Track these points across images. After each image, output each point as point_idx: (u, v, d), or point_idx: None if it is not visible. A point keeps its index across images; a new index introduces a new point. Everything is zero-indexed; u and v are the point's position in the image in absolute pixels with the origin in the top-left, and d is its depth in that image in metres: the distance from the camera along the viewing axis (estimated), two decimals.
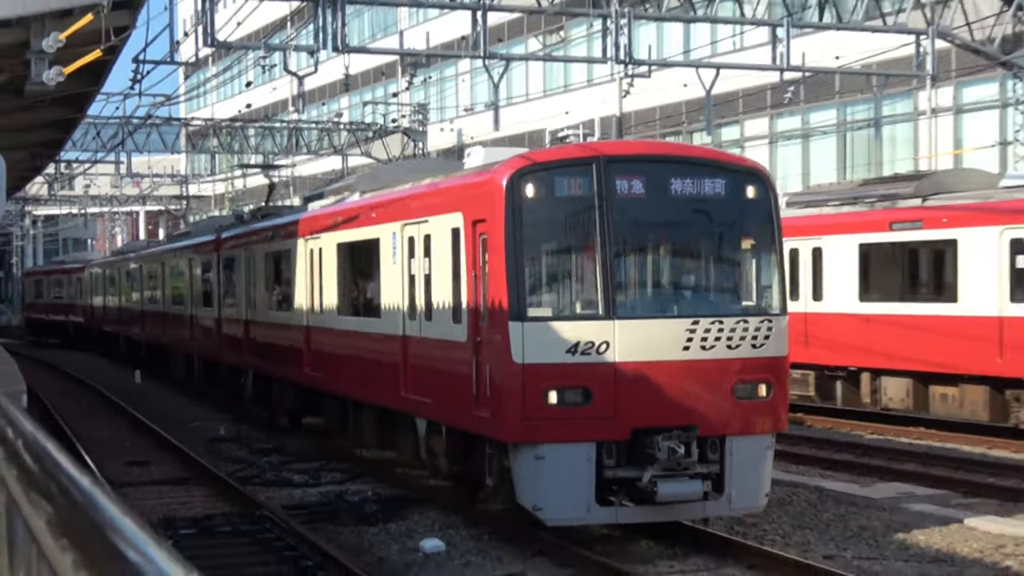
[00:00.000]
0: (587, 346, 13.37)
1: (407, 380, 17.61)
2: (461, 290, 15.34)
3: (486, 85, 42.29)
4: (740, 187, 14.63)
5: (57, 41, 20.14)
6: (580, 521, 13.66)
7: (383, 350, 19.02)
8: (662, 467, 13.12)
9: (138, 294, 44.06)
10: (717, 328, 13.81)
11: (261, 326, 27.02)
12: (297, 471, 21.85)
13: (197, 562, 13.49)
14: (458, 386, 15.40)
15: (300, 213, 25.71)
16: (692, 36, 39.95)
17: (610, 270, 13.83)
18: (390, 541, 16.47)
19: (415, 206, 17.60)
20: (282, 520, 16.96)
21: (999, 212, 23.40)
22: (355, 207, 21.33)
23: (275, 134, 55.97)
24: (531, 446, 13.33)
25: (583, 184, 14.09)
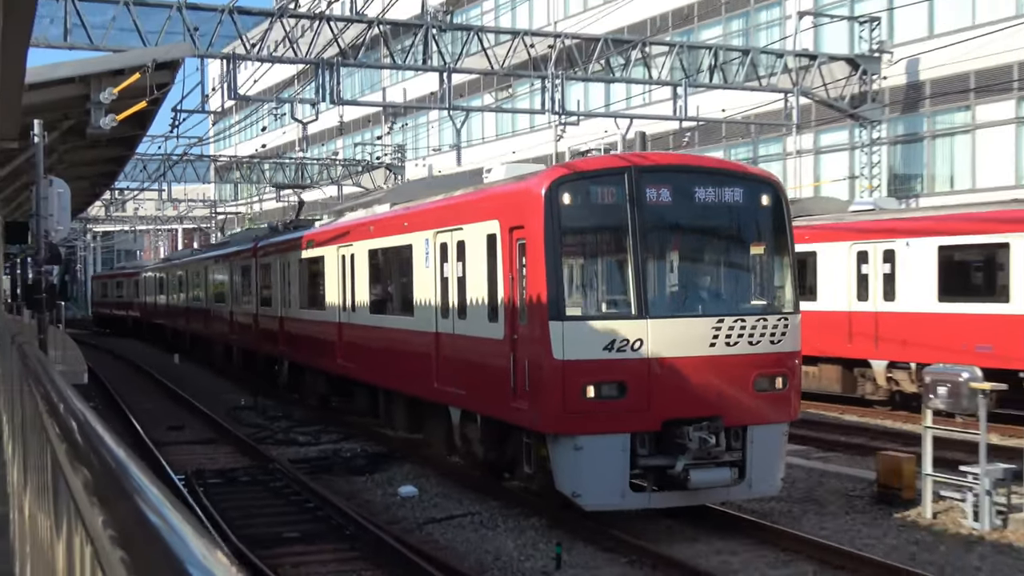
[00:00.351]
0: (622, 343, 11.84)
1: (440, 373, 15.72)
2: (497, 291, 13.56)
3: (451, 130, 42.70)
4: (756, 195, 13.12)
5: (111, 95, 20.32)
6: (615, 506, 11.99)
7: (415, 345, 16.90)
8: (693, 456, 11.69)
9: (184, 294, 42.72)
10: (740, 326, 12.34)
11: (295, 322, 24.94)
12: (301, 433, 21.77)
13: (222, 505, 13.82)
14: (495, 380, 13.55)
15: (331, 223, 23.73)
16: (612, 92, 40.21)
17: (642, 272, 12.22)
18: (375, 488, 16.49)
19: (448, 215, 15.69)
20: (289, 471, 16.98)
21: (848, 230, 24.08)
22: (387, 217, 19.00)
23: (285, 168, 55.93)
24: (570, 437, 11.75)
25: (616, 192, 12.47)
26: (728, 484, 12.21)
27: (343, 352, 20.96)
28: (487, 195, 14.77)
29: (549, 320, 11.98)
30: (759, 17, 39.04)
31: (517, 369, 12.89)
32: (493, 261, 13.69)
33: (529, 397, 12.50)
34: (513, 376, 12.95)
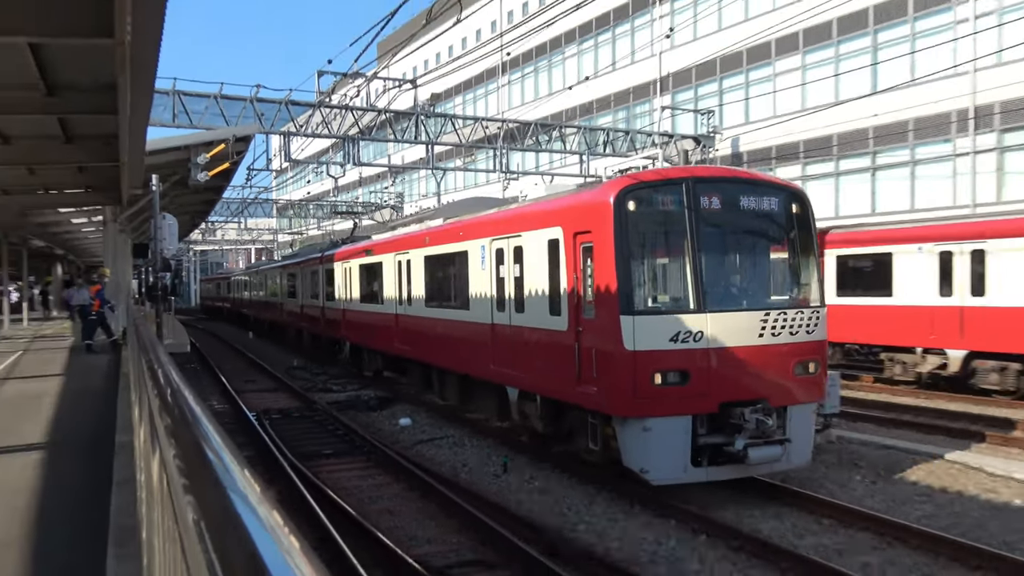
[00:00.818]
0: (685, 335, 9.75)
1: (496, 357, 13.17)
2: (560, 288, 11.15)
3: (434, 183, 42.62)
4: (789, 203, 11.04)
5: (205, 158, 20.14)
6: (678, 480, 9.76)
7: (471, 334, 14.23)
8: (750, 435, 9.61)
9: (263, 291, 40.26)
10: (783, 318, 10.27)
11: (357, 313, 22.26)
12: (335, 385, 21.56)
13: (281, 432, 13.70)
14: (557, 366, 11.13)
15: (388, 236, 20.77)
16: (540, 159, 40.44)
17: (700, 271, 10.13)
18: (383, 420, 16.45)
19: (504, 226, 13.18)
20: (326, 409, 16.92)
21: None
22: (442, 229, 16.31)
23: (323, 207, 55.71)
24: (639, 420, 9.69)
25: (675, 200, 10.38)
26: (778, 459, 10.06)
27: (400, 337, 18.49)
28: (547, 207, 12.27)
29: (620, 315, 9.79)
30: (636, 110, 39.38)
31: (583, 357, 10.53)
32: (555, 262, 11.37)
33: (598, 383, 10.18)
34: (578, 363, 10.58)
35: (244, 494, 1.01)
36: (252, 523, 0.87)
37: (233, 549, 0.89)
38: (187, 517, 1.22)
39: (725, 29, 33.77)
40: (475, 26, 50.16)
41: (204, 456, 1.34)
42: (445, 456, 13.03)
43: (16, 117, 11.75)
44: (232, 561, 0.89)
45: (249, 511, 0.93)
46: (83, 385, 13.17)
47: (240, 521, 0.89)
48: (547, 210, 12.01)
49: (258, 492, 1.05)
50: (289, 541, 0.84)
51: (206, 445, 1.42)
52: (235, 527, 0.89)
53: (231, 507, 0.97)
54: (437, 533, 9.09)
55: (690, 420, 9.72)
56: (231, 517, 0.94)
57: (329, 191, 58.56)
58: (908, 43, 27.41)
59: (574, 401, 10.88)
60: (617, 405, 9.98)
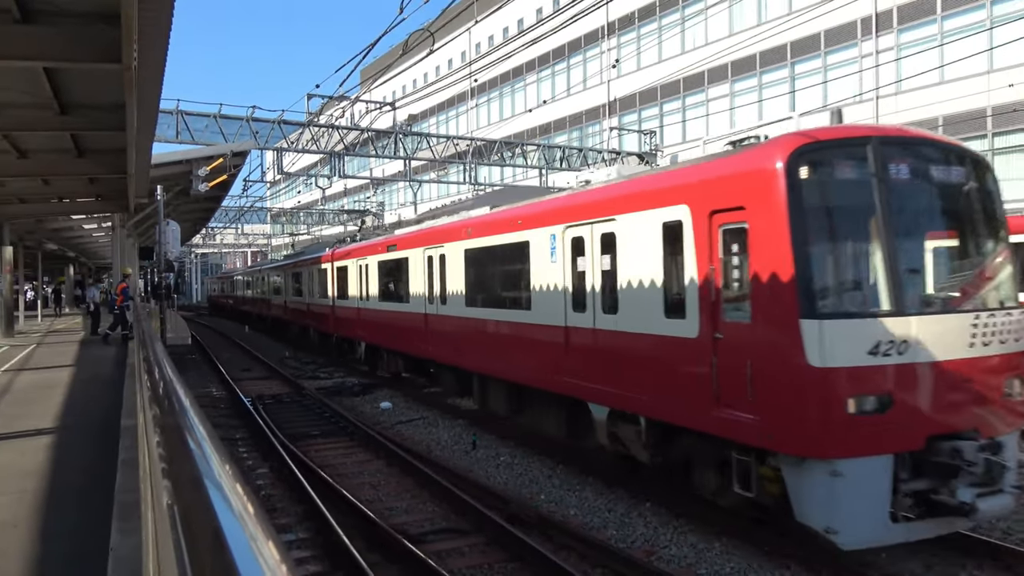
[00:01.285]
0: (888, 346, 6.33)
1: (570, 366, 9.64)
2: (682, 283, 7.69)
3: (410, 194, 42.36)
4: (982, 175, 7.43)
5: (205, 171, 19.82)
6: (877, 543, 6.40)
7: (534, 338, 10.64)
8: (975, 479, 6.26)
9: (269, 289, 36.11)
10: (992, 322, 6.78)
11: (374, 312, 18.37)
12: (322, 373, 21.31)
13: (273, 416, 13.47)
14: (679, 381, 7.68)
15: (415, 230, 16.63)
16: (504, 172, 40.39)
17: (897, 260, 6.64)
18: (365, 404, 16.23)
19: (585, 210, 9.58)
20: (315, 395, 16.66)
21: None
22: (492, 219, 12.43)
23: (312, 215, 55.04)
24: (826, 462, 6.21)
25: (858, 167, 6.88)
26: (1008, 511, 6.65)
27: (430, 339, 14.53)
28: (660, 182, 8.51)
29: (800, 318, 6.33)
30: (588, 130, 39.52)
31: (726, 372, 7.03)
32: (674, 251, 7.87)
33: (756, 408, 6.67)
34: (716, 380, 7.12)
35: (218, 482, 0.94)
36: (222, 508, 0.82)
37: (201, 530, 0.84)
38: (162, 500, 1.14)
39: (665, 60, 34.08)
40: (447, 56, 50.00)
41: (185, 444, 1.25)
42: (421, 435, 12.92)
43: (32, 134, 11.45)
44: (198, 544, 0.83)
45: (220, 498, 0.87)
46: (93, 374, 12.82)
47: (211, 507, 0.84)
48: (661, 187, 8.36)
49: (232, 481, 0.99)
50: (255, 526, 0.78)
51: (189, 435, 1.33)
52: (205, 510, 0.83)
53: (204, 492, 0.91)
54: (414, 504, 9.00)
55: (891, 460, 6.33)
56: (203, 501, 0.88)
57: (317, 200, 58.01)
58: (821, 74, 27.90)
59: (708, 429, 7.32)
60: (792, 440, 6.47)
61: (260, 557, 0.68)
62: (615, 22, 37.04)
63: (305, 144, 27.10)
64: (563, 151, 33.09)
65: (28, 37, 7.03)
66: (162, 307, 21.31)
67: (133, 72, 7.23)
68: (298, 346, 28.06)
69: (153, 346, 3.92)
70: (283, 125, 25.50)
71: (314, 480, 9.46)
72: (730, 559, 7.06)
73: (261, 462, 11.13)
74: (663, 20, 34.63)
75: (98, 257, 43.46)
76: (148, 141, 11.82)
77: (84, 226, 26.92)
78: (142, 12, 6.02)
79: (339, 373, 21.02)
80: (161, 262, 19.72)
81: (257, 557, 0.67)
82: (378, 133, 30.70)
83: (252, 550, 0.70)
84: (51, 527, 4.73)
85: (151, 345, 3.99)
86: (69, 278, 42.86)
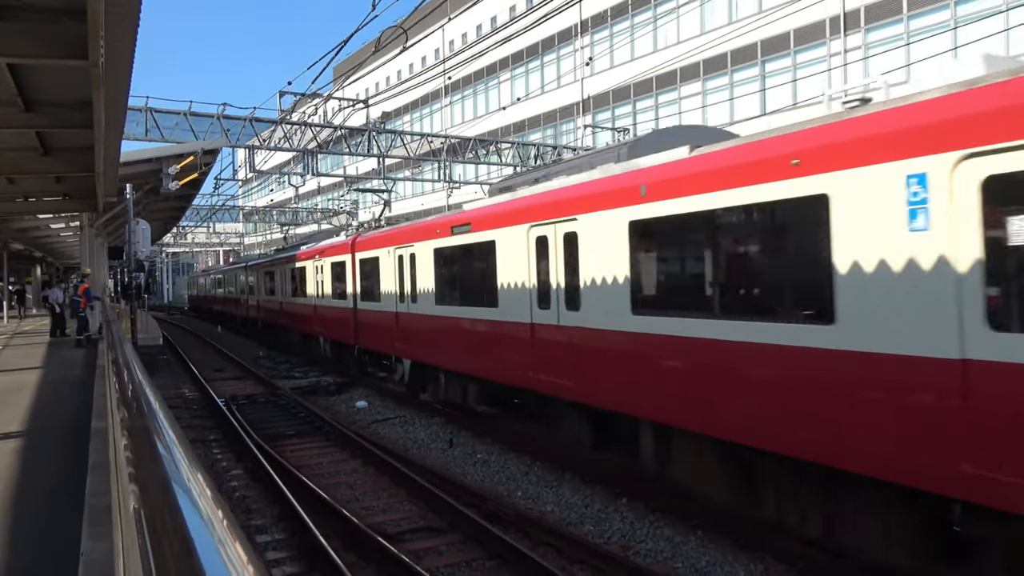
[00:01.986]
0: None
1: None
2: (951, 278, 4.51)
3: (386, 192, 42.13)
4: None
5: (175, 169, 19.53)
6: None
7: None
8: None
9: (237, 288, 33.93)
10: None
11: (427, 320, 13.42)
12: (297, 372, 21.06)
13: (248, 416, 13.32)
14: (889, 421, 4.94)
15: (506, 199, 10.95)
16: (479, 170, 40.36)
17: None
18: (341, 403, 16.09)
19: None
20: (289, 395, 16.50)
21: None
22: (742, 158, 6.46)
23: (285, 214, 54.56)
24: None
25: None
26: None
27: (553, 365, 9.54)
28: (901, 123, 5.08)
29: None
30: (562, 127, 39.59)
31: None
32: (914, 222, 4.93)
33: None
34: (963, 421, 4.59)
35: (187, 487, 0.91)
36: (190, 514, 0.80)
37: (168, 536, 0.81)
38: (128, 505, 1.11)
39: (637, 59, 34.24)
40: (420, 53, 49.74)
41: (154, 448, 1.18)
42: (398, 434, 12.85)
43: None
44: (164, 547, 0.81)
45: (189, 503, 0.85)
46: (61, 376, 12.57)
47: (179, 512, 0.81)
48: (904, 127, 5.07)
49: (203, 485, 0.96)
50: (225, 532, 0.76)
51: (158, 438, 1.26)
52: (172, 516, 0.81)
53: (172, 497, 0.88)
54: (391, 503, 8.95)
55: None
56: (170, 507, 0.86)
57: (290, 199, 57.46)
58: (791, 72, 28.24)
59: (936, 488, 4.91)
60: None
61: (229, 562, 0.66)
62: (588, 20, 37.12)
63: (277, 142, 26.83)
64: (537, 149, 33.16)
65: None
66: (133, 307, 20.99)
67: (100, 69, 7.08)
68: (272, 346, 27.77)
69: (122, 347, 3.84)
70: (255, 122, 25.23)
71: (290, 480, 9.37)
72: (706, 552, 7.12)
73: (235, 463, 11.00)
74: (635, 19, 34.78)
75: (66, 257, 42.60)
76: (117, 139, 11.60)
77: (51, 226, 26.37)
78: (108, 7, 5.90)
79: (314, 372, 20.85)
80: (131, 262, 19.42)
81: (226, 562, 0.65)
82: (351, 131, 30.49)
83: (220, 555, 0.68)
84: (20, 531, 4.63)
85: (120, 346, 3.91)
86: (36, 279, 42.01)
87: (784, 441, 6.10)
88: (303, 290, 22.80)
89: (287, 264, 25.59)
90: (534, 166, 25.16)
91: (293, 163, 46.67)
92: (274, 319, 27.70)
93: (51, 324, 21.55)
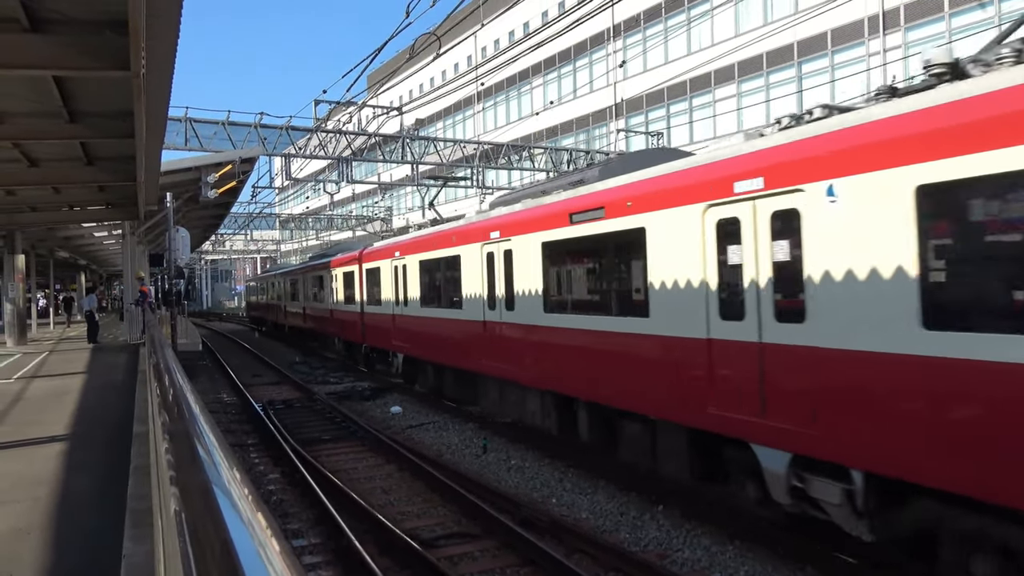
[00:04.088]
0: None
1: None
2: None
3: (418, 198, 42.45)
4: None
5: (214, 178, 19.89)
6: None
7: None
8: None
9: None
10: None
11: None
12: (332, 377, 21.21)
13: (284, 421, 13.47)
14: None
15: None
16: (512, 176, 40.42)
17: None
18: (375, 408, 16.17)
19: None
20: (325, 400, 16.60)
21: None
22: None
23: (320, 220, 55.27)
24: None
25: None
26: None
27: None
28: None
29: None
30: (595, 132, 39.46)
31: None
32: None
33: None
34: None
35: (227, 489, 0.91)
36: (231, 516, 0.80)
37: (208, 539, 0.81)
38: (170, 507, 1.12)
39: (671, 62, 33.99)
40: (453, 60, 50.06)
41: (195, 452, 1.19)
42: (432, 439, 12.87)
43: (42, 142, 11.51)
44: (205, 550, 0.81)
45: (229, 505, 0.85)
46: (104, 381, 12.87)
47: (219, 514, 0.81)
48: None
49: (242, 488, 0.96)
50: (264, 534, 0.75)
51: (198, 442, 1.27)
52: (213, 519, 0.81)
53: (212, 500, 0.88)
54: (425, 508, 8.96)
55: None
56: (211, 509, 0.86)
57: (326, 206, 58.20)
58: (828, 73, 27.78)
59: None
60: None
61: (269, 565, 0.65)
62: (620, 24, 36.99)
63: (313, 150, 27.18)
64: (570, 154, 33.08)
65: (37, 46, 7.06)
66: (173, 313, 21.40)
67: (141, 79, 7.25)
68: (307, 351, 28.08)
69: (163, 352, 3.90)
70: (291, 131, 25.59)
71: (325, 485, 9.44)
72: (744, 562, 6.99)
73: (272, 467, 11.13)
74: (669, 21, 34.55)
75: (109, 264, 43.71)
76: (157, 148, 11.86)
77: (95, 234, 27.08)
78: (150, 19, 6.03)
79: (349, 378, 21.01)
80: (171, 269, 19.82)
81: (266, 565, 0.65)
82: (385, 138, 30.78)
83: (260, 558, 0.67)
84: (64, 534, 4.72)
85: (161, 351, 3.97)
86: (81, 285, 43.17)
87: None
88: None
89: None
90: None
91: (328, 171, 47.31)
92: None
93: (88, 331, 22.08)
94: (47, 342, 22.75)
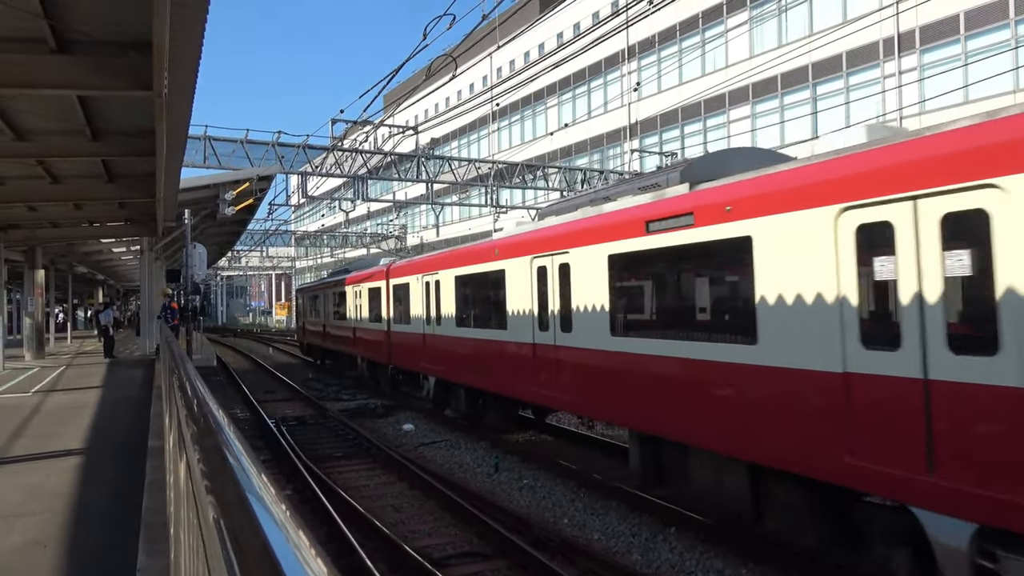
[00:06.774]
0: None
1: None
2: None
3: (433, 217, 42.67)
4: None
5: (232, 195, 20.14)
6: None
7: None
8: None
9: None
10: None
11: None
12: (345, 394, 21.22)
13: (297, 437, 13.52)
14: None
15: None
16: (526, 195, 40.63)
17: None
18: (388, 426, 16.16)
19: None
20: (337, 416, 16.62)
21: None
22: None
23: (336, 238, 55.64)
24: None
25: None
26: None
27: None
28: None
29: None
30: (609, 152, 39.61)
31: None
32: None
33: None
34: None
35: (260, 495, 0.96)
36: (266, 520, 0.83)
37: (248, 543, 0.85)
38: (208, 515, 1.17)
39: (685, 83, 34.15)
40: (469, 81, 50.54)
41: (225, 460, 1.23)
42: (443, 458, 12.85)
43: (65, 160, 11.73)
44: (247, 554, 0.85)
45: (264, 510, 0.88)
46: (120, 396, 12.98)
47: (255, 518, 0.85)
48: None
49: (273, 493, 1.00)
50: (299, 537, 0.79)
51: (227, 451, 1.31)
52: (250, 523, 0.85)
53: (248, 506, 0.93)
54: (436, 527, 8.94)
55: None
56: (247, 515, 0.90)
57: (341, 223, 58.62)
58: (843, 95, 27.79)
59: None
60: None
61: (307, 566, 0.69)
62: (635, 45, 37.25)
63: (329, 168, 27.45)
64: (584, 174, 33.22)
65: (63, 66, 7.23)
66: (188, 329, 21.57)
67: (163, 99, 7.40)
68: (319, 368, 28.15)
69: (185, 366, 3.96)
70: (307, 150, 25.88)
71: (337, 502, 9.45)
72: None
73: (284, 483, 11.15)
74: (683, 43, 34.76)
75: (126, 280, 44.18)
76: (177, 166, 12.05)
77: (113, 249, 27.43)
78: (173, 40, 6.17)
79: (362, 395, 21.03)
80: (188, 285, 20.02)
81: (304, 567, 0.69)
82: (401, 157, 31.06)
83: (299, 560, 0.71)
84: (79, 547, 4.77)
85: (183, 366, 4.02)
86: (99, 300, 43.69)
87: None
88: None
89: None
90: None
91: (344, 189, 47.70)
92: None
93: (104, 346, 22.29)
94: (64, 356, 22.99)
